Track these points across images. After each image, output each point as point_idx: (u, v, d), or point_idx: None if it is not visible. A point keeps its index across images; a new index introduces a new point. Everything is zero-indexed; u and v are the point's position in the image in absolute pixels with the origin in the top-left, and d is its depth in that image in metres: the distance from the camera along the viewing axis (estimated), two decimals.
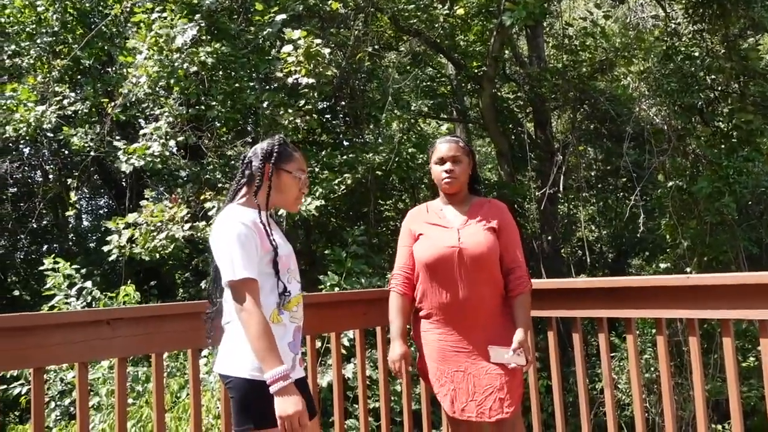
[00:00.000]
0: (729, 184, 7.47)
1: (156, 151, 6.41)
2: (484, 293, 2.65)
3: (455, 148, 2.78)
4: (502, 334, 2.66)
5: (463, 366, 2.64)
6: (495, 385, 2.59)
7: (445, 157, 2.78)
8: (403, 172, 8.25)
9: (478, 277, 2.64)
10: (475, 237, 2.66)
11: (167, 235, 6.23)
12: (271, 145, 2.19)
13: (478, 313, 2.65)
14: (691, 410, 7.66)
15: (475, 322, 2.65)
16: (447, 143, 2.82)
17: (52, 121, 7.46)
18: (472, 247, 2.63)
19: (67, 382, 5.87)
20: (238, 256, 1.99)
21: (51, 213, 12.16)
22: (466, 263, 2.63)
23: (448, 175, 2.75)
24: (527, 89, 9.97)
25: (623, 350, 8.19)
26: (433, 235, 2.73)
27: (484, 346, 2.64)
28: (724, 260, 8.35)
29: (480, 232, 2.68)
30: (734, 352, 2.67)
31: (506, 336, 2.67)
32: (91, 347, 2.38)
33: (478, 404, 2.59)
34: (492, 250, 2.66)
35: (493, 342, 2.64)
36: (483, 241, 2.65)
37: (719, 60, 8.16)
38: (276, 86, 7.06)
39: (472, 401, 2.60)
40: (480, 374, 2.61)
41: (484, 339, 2.65)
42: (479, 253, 2.63)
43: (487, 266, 2.65)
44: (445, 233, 2.71)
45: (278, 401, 1.92)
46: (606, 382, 3.06)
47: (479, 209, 2.77)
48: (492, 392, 2.59)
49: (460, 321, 2.66)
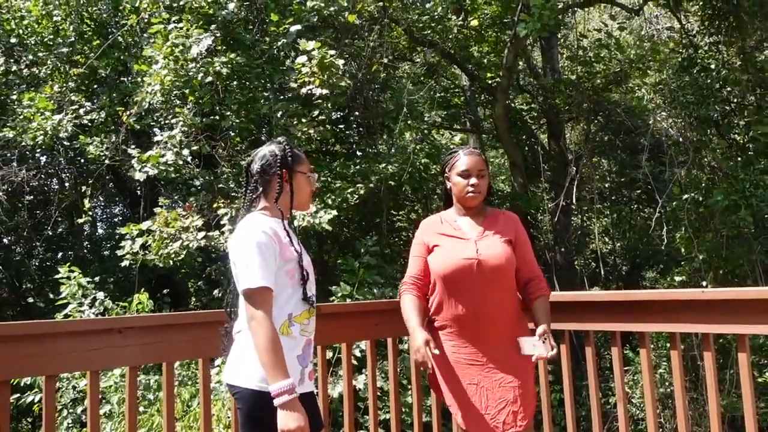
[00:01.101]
0: (745, 197, 7.39)
1: (170, 160, 6.46)
2: (501, 305, 2.64)
3: (480, 162, 2.77)
4: (517, 346, 2.65)
5: (476, 379, 2.62)
6: (508, 399, 2.57)
7: (471, 170, 2.74)
8: (416, 182, 8.24)
9: (495, 289, 2.62)
10: (493, 249, 2.65)
11: (181, 244, 6.26)
12: (282, 150, 2.19)
13: (493, 325, 2.63)
14: (707, 426, 7.55)
15: (491, 335, 2.63)
16: (471, 155, 2.79)
17: (69, 130, 7.54)
18: (491, 259, 2.62)
19: (80, 390, 5.90)
20: (256, 265, 1.99)
21: (66, 221, 12.27)
22: (485, 275, 2.61)
23: (473, 189, 2.73)
24: (541, 100, 9.96)
25: (637, 364, 8.10)
26: (450, 247, 2.70)
27: (499, 359, 2.62)
28: (741, 274, 8.25)
29: (497, 243, 2.67)
30: (750, 368, 2.63)
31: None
32: (102, 355, 2.39)
33: (492, 418, 2.57)
34: (509, 262, 2.65)
35: (510, 354, 2.63)
36: (501, 253, 2.64)
37: (735, 72, 8.10)
38: (290, 96, 7.10)
39: (486, 414, 2.58)
40: (493, 387, 2.59)
41: (499, 351, 2.63)
42: (497, 265, 2.61)
43: (504, 278, 2.64)
44: (462, 245, 2.69)
45: (281, 415, 1.91)
46: (619, 397, 3.02)
47: (495, 221, 2.76)
48: (505, 405, 2.56)
49: (476, 333, 2.64)
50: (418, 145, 8.32)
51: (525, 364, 2.64)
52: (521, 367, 2.62)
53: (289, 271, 2.09)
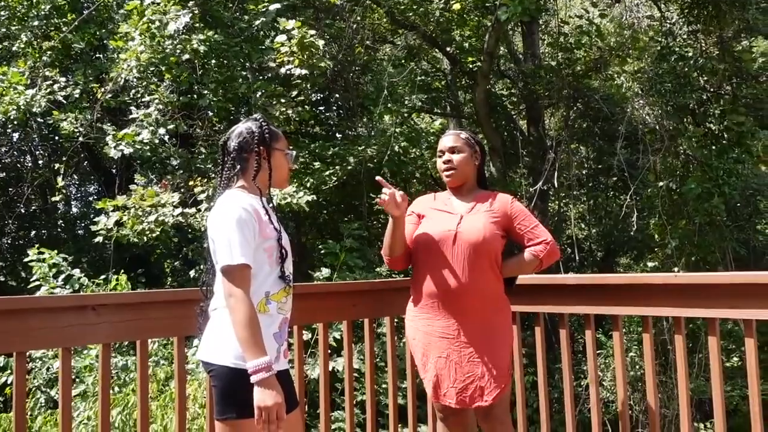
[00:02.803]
0: (719, 185, 7.52)
1: (146, 138, 6.38)
2: (477, 282, 2.62)
3: (454, 139, 2.78)
4: (494, 324, 2.65)
5: (446, 352, 2.63)
6: (476, 373, 2.58)
7: (444, 149, 2.78)
8: (395, 165, 8.23)
9: (473, 265, 2.61)
10: (475, 224, 2.65)
11: (156, 219, 6.19)
12: (260, 127, 2.17)
13: (468, 301, 2.63)
14: (675, 408, 7.71)
15: (465, 309, 2.63)
16: (447, 135, 2.83)
17: (42, 105, 7.39)
18: (469, 234, 2.62)
19: (53, 372, 5.84)
20: (236, 241, 1.97)
21: (40, 199, 12.08)
22: (462, 249, 2.61)
23: (447, 166, 2.75)
24: (521, 86, 9.97)
25: (609, 348, 8.23)
26: (435, 219, 2.73)
27: (471, 334, 2.62)
28: (712, 261, 8.41)
29: (481, 220, 2.66)
30: (719, 351, 2.69)
31: (498, 326, 2.67)
32: (75, 333, 2.36)
33: (459, 391, 2.58)
34: (489, 240, 2.63)
35: (484, 330, 2.63)
36: (481, 229, 2.63)
37: (713, 61, 8.18)
38: (269, 76, 7.03)
39: (452, 388, 2.60)
40: (462, 361, 2.60)
41: (472, 327, 2.63)
42: (474, 241, 2.61)
43: (482, 255, 2.62)
44: (447, 218, 2.71)
45: (258, 392, 1.90)
46: (591, 379, 3.07)
47: (485, 200, 2.75)
48: (473, 380, 2.58)
49: (450, 307, 2.64)
50: (397, 128, 8.29)
51: (500, 341, 2.65)
52: (493, 344, 2.63)
53: (268, 249, 2.08)
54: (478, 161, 2.81)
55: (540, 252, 2.69)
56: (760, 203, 9.28)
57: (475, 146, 2.80)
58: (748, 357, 2.59)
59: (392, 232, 2.66)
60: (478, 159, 2.81)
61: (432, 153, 10.01)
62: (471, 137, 2.83)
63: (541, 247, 2.70)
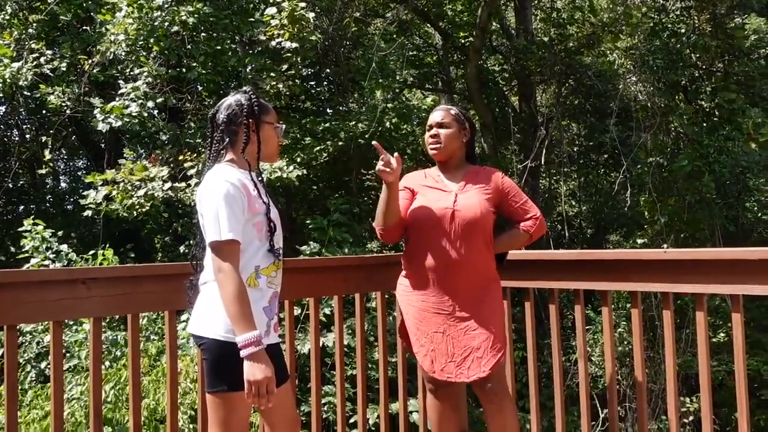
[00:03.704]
0: (709, 163, 7.55)
1: (134, 112, 6.30)
2: (474, 257, 2.65)
3: (441, 115, 2.77)
4: (486, 297, 2.67)
5: (442, 327, 2.65)
6: (473, 346, 2.60)
7: (431, 123, 2.78)
8: (386, 141, 8.19)
9: (468, 241, 2.63)
10: (470, 201, 2.66)
11: (146, 193, 6.15)
12: (249, 100, 2.15)
13: (463, 276, 2.65)
14: (662, 383, 7.83)
15: (460, 285, 2.65)
16: (436, 110, 2.82)
17: (29, 79, 7.28)
18: (466, 211, 2.64)
19: (44, 345, 5.83)
20: (224, 217, 1.97)
21: (28, 174, 11.97)
22: (459, 226, 2.63)
23: (433, 140, 2.75)
24: (513, 62, 9.92)
25: (597, 323, 8.31)
26: (429, 197, 2.73)
27: (466, 308, 2.64)
28: (701, 237, 8.47)
29: (475, 197, 2.68)
30: (706, 326, 2.71)
31: (490, 299, 2.68)
32: (65, 306, 2.35)
33: (457, 365, 2.61)
34: (484, 216, 2.65)
35: (477, 304, 2.65)
36: (477, 206, 2.65)
37: (705, 38, 8.16)
38: (259, 50, 6.95)
39: (451, 362, 2.62)
40: (458, 335, 2.62)
41: (467, 301, 2.65)
42: (471, 217, 2.63)
43: (477, 231, 2.64)
44: (441, 195, 2.71)
45: (248, 366, 1.91)
46: (580, 354, 3.10)
47: (476, 176, 2.76)
48: (470, 353, 2.60)
49: (445, 283, 2.66)
50: (388, 103, 8.24)
51: (492, 314, 2.67)
52: (488, 317, 2.65)
53: (257, 224, 2.07)
54: (466, 137, 2.80)
55: (530, 227, 2.75)
56: (749, 181, 9.33)
57: (465, 122, 2.79)
58: (734, 331, 2.62)
59: (386, 200, 2.64)
60: (467, 135, 2.80)
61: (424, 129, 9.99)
62: (460, 113, 2.81)
63: (531, 222, 2.75)
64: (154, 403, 4.63)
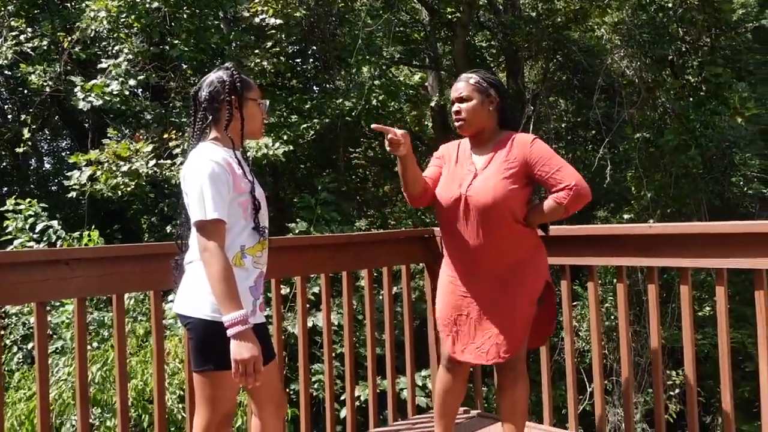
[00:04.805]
0: (695, 137, 7.57)
1: (115, 90, 6.21)
2: (496, 241, 2.53)
3: (462, 87, 2.60)
4: (513, 283, 2.58)
5: (466, 311, 2.62)
6: (493, 331, 2.57)
7: (453, 98, 2.63)
8: (373, 119, 8.14)
9: (488, 225, 2.52)
10: (486, 183, 2.52)
11: (130, 169, 6.07)
12: (231, 76, 2.12)
13: (489, 260, 2.56)
14: (648, 357, 7.93)
15: (484, 268, 2.58)
16: (458, 82, 2.64)
17: (8, 57, 7.15)
18: (478, 196, 2.51)
19: (29, 327, 5.80)
20: (209, 196, 1.95)
21: (10, 155, 11.80)
22: (472, 211, 2.53)
23: (456, 117, 2.61)
24: (501, 38, 9.85)
25: (584, 299, 8.38)
26: (448, 176, 2.65)
27: (489, 293, 2.59)
28: (687, 212, 8.53)
29: (494, 177, 2.52)
30: (691, 300, 2.74)
31: (518, 283, 2.58)
32: (49, 287, 2.33)
33: (477, 347, 2.59)
34: (503, 198, 2.49)
35: (503, 288, 2.58)
36: (491, 189, 2.50)
37: (692, 12, 8.13)
38: (243, 27, 6.85)
39: (471, 344, 2.60)
40: (480, 319, 2.59)
41: (491, 286, 2.59)
42: (483, 203, 2.51)
43: (496, 215, 2.51)
44: (460, 175, 2.60)
45: (234, 345, 1.91)
46: (566, 329, 3.12)
47: (504, 148, 2.57)
48: (490, 337, 2.57)
49: (470, 265, 2.60)
50: (375, 81, 8.17)
51: (517, 297, 2.57)
52: (512, 302, 2.57)
53: (242, 203, 2.06)
54: (493, 104, 2.59)
55: (563, 198, 2.49)
56: (735, 155, 9.37)
57: (488, 89, 2.58)
58: (718, 304, 2.65)
59: (403, 172, 2.58)
60: (494, 102, 2.59)
61: (411, 107, 9.93)
62: (482, 80, 2.59)
63: (564, 193, 2.48)
64: (142, 384, 4.63)
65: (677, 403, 8.40)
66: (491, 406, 6.98)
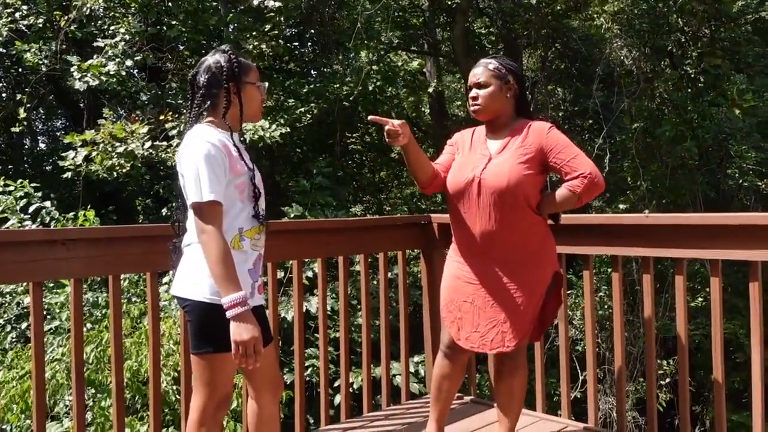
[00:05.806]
0: (692, 129, 7.58)
1: (112, 70, 6.16)
2: (508, 228, 2.52)
3: (479, 73, 2.58)
4: (523, 270, 2.56)
5: (471, 297, 2.60)
6: (499, 319, 2.55)
7: (470, 84, 2.61)
8: (371, 104, 8.11)
9: (501, 211, 2.50)
10: (500, 167, 2.51)
11: (125, 150, 6.04)
12: (228, 61, 2.10)
13: (499, 248, 2.54)
14: (641, 346, 7.99)
15: (492, 256, 2.56)
16: (476, 67, 2.61)
17: (4, 35, 7.08)
18: (492, 180, 2.49)
19: (24, 306, 5.79)
20: (205, 178, 1.94)
21: (4, 134, 11.72)
22: (486, 196, 2.51)
23: (472, 102, 2.59)
24: (500, 24, 9.81)
25: (579, 288, 8.42)
26: (461, 164, 2.63)
27: (496, 280, 2.57)
28: (683, 203, 8.55)
29: (508, 162, 2.50)
30: (685, 290, 2.75)
31: (527, 272, 2.55)
32: (45, 267, 2.33)
33: (481, 336, 2.57)
34: (517, 183, 2.47)
35: (512, 276, 2.56)
36: (505, 173, 2.48)
37: (692, 2, 8.10)
38: (242, 8, 6.80)
39: (476, 332, 2.59)
40: (486, 307, 2.57)
41: (499, 273, 2.56)
42: (498, 187, 2.48)
43: (509, 200, 2.49)
44: (475, 160, 2.59)
45: (234, 326, 1.91)
46: (561, 317, 3.14)
47: (520, 134, 2.56)
48: (495, 325, 2.56)
49: (479, 254, 2.58)
50: (373, 65, 8.13)
51: (525, 286, 2.55)
52: (519, 290, 2.55)
53: (239, 185, 2.05)
54: (511, 92, 2.58)
55: (576, 187, 2.46)
56: (731, 147, 9.39)
57: (507, 76, 2.56)
58: (712, 294, 2.66)
59: (407, 160, 2.60)
60: (512, 89, 2.58)
61: (408, 92, 9.89)
62: (501, 65, 2.58)
63: (578, 181, 2.46)
64: (137, 365, 4.64)
65: (667, 392, 8.47)
66: (484, 392, 7.02)
